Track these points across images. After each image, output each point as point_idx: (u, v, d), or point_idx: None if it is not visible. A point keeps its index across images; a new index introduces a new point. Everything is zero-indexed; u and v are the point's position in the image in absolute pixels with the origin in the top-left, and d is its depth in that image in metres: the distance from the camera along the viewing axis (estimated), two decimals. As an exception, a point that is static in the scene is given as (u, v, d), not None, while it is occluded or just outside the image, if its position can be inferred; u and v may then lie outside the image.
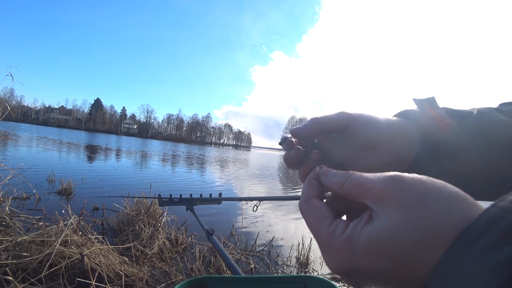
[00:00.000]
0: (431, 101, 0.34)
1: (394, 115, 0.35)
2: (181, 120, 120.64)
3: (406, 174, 0.19)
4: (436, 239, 0.16)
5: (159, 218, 3.06)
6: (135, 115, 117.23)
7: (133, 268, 2.18)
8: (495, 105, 0.38)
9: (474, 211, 0.17)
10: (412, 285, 0.17)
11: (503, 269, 0.13)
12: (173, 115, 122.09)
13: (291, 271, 2.85)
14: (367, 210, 0.20)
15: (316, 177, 0.25)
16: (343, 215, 0.24)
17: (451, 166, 0.34)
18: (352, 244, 0.19)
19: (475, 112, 0.34)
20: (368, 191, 0.19)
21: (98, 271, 1.91)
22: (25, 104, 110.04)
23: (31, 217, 2.79)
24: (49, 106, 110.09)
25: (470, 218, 0.16)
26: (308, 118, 0.35)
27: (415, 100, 0.35)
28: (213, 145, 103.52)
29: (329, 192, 0.25)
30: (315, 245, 3.21)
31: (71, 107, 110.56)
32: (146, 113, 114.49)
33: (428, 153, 0.32)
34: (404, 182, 0.18)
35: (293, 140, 0.30)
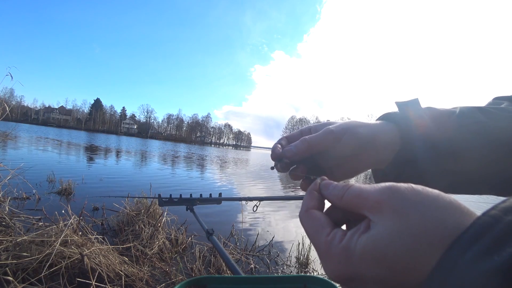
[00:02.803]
0: (414, 103, 0.35)
1: (377, 118, 0.38)
2: (181, 120, 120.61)
3: (401, 184, 0.19)
4: (430, 247, 0.17)
5: (159, 218, 3.06)
6: (135, 115, 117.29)
7: (133, 268, 2.18)
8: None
9: (467, 219, 0.17)
10: None
11: (493, 277, 0.13)
12: (173, 115, 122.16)
13: (291, 271, 2.85)
14: (365, 220, 0.20)
15: (317, 189, 0.25)
16: (342, 224, 0.24)
17: (432, 168, 0.35)
18: (349, 253, 0.19)
19: (457, 112, 0.35)
20: (365, 202, 0.20)
21: (98, 271, 1.91)
22: (25, 104, 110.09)
23: (31, 217, 2.79)
24: (49, 106, 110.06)
25: (463, 227, 0.16)
26: (309, 118, 0.37)
27: (397, 103, 0.37)
28: (213, 145, 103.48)
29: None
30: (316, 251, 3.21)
31: (71, 107, 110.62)
32: (146, 113, 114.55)
33: (406, 155, 0.35)
34: (399, 192, 0.19)
35: (286, 161, 0.35)
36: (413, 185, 0.19)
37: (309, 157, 0.35)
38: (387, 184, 0.20)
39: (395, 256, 0.17)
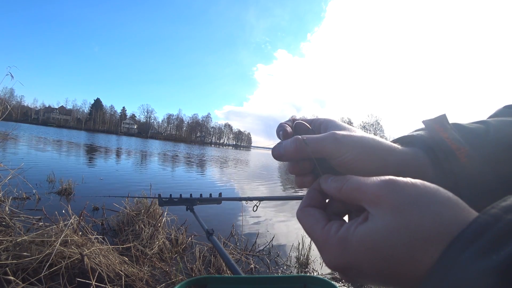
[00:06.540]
0: (442, 121, 0.29)
1: (395, 140, 0.31)
2: (181, 120, 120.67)
3: (400, 178, 0.20)
4: (427, 242, 0.17)
5: (159, 218, 3.06)
6: (135, 115, 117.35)
7: (133, 268, 2.18)
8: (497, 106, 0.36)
9: (465, 216, 0.17)
10: (406, 285, 0.18)
11: (491, 276, 0.13)
12: (173, 115, 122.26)
13: (291, 271, 2.85)
14: (364, 212, 0.21)
15: (317, 187, 0.26)
16: (344, 215, 0.25)
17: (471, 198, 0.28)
18: (345, 242, 0.20)
19: (491, 132, 0.28)
20: (363, 195, 0.20)
21: (98, 271, 1.91)
22: (25, 104, 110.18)
23: (31, 217, 2.79)
24: (49, 106, 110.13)
25: (461, 223, 0.17)
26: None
27: (425, 122, 0.30)
28: (213, 145, 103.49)
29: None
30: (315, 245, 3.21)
31: (71, 107, 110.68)
32: (146, 113, 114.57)
33: (443, 184, 0.28)
34: (398, 186, 0.19)
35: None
36: (412, 179, 0.19)
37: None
38: (386, 178, 0.20)
39: (390, 249, 0.18)
